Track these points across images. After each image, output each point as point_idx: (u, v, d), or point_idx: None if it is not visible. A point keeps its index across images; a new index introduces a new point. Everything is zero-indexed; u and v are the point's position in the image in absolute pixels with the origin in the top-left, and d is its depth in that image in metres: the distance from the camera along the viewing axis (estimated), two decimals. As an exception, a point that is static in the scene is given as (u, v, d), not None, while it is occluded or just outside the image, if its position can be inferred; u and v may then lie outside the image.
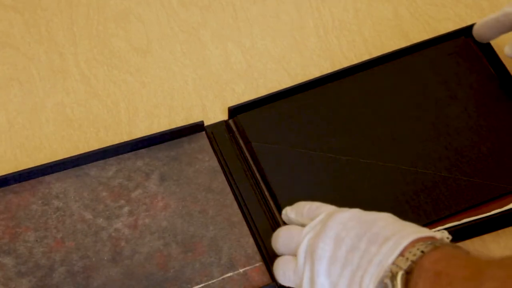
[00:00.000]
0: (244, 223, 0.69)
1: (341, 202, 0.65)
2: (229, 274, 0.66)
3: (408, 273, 0.53)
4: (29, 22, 0.85)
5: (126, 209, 0.70)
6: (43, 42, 0.84)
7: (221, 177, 0.72)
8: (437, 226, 0.67)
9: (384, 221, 0.58)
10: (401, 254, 0.55)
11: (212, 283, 0.65)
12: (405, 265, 0.53)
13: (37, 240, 0.68)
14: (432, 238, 0.55)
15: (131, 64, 0.83)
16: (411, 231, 0.56)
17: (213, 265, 0.66)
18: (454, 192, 0.69)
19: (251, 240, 0.68)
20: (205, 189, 0.71)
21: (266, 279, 0.66)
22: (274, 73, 0.82)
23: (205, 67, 0.82)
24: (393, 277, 0.53)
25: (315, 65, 0.82)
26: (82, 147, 0.76)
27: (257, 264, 0.66)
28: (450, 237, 0.57)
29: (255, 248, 0.67)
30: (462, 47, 0.80)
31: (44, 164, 0.71)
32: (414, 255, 0.53)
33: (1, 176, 0.71)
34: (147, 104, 0.79)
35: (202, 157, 0.73)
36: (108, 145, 0.73)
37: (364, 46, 0.84)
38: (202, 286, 0.65)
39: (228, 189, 0.71)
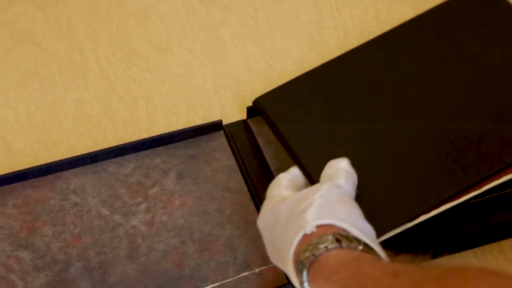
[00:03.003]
0: (261, 223, 0.69)
1: (382, 172, 0.63)
2: (244, 274, 0.66)
3: None
4: (50, 17, 0.86)
5: (143, 206, 0.70)
6: (63, 38, 0.84)
7: (239, 176, 0.72)
8: (492, 181, 0.62)
9: (280, 226, 0.58)
10: (295, 270, 0.55)
11: (228, 282, 0.65)
12: None
13: (54, 235, 0.68)
14: (308, 240, 0.55)
15: (151, 62, 0.83)
16: (290, 241, 0.56)
17: (229, 264, 0.66)
18: (504, 143, 0.64)
19: (267, 240, 0.68)
20: (222, 188, 0.71)
21: (281, 279, 0.65)
22: (293, 73, 0.81)
23: (224, 66, 0.83)
24: None
25: (335, 67, 0.82)
26: (100, 143, 0.76)
27: (272, 264, 0.66)
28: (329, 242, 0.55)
29: (271, 248, 0.67)
30: None
31: (63, 159, 0.72)
32: (302, 270, 0.54)
33: (20, 170, 0.71)
34: (166, 101, 0.80)
35: (220, 156, 0.73)
36: (126, 142, 0.73)
37: (384, 48, 0.84)
38: (217, 285, 0.65)
39: (245, 188, 0.71)
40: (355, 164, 0.64)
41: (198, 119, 0.78)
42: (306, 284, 0.53)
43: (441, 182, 0.63)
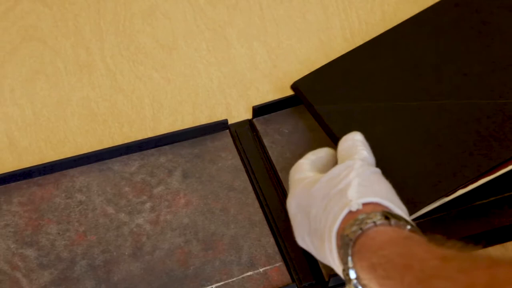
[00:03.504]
0: (265, 222, 0.69)
1: (420, 148, 0.64)
2: (249, 273, 0.66)
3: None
4: (57, 15, 0.86)
5: (148, 205, 0.70)
6: (70, 36, 0.85)
7: (244, 176, 0.72)
8: None
9: (316, 206, 0.58)
10: (338, 245, 0.55)
11: (232, 281, 0.65)
12: (347, 262, 0.54)
13: (59, 233, 0.68)
14: (354, 216, 0.55)
15: (157, 61, 0.83)
16: (333, 218, 0.56)
17: (233, 263, 0.66)
18: None
19: (272, 240, 0.68)
20: (227, 187, 0.71)
21: (285, 279, 0.65)
22: (299, 73, 0.81)
23: (230, 65, 0.83)
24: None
25: (341, 67, 0.82)
26: (106, 142, 0.76)
27: (277, 264, 0.66)
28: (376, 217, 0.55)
29: (276, 248, 0.67)
30: None
31: (68, 157, 0.72)
32: (348, 243, 0.54)
33: (26, 168, 0.71)
34: (172, 100, 0.80)
35: (225, 156, 0.73)
36: (132, 140, 0.73)
37: (390, 49, 0.84)
38: (221, 284, 0.65)
39: (250, 188, 0.71)
40: (393, 141, 0.66)
41: (203, 118, 0.78)
42: (350, 258, 0.53)
43: (478, 157, 0.64)
